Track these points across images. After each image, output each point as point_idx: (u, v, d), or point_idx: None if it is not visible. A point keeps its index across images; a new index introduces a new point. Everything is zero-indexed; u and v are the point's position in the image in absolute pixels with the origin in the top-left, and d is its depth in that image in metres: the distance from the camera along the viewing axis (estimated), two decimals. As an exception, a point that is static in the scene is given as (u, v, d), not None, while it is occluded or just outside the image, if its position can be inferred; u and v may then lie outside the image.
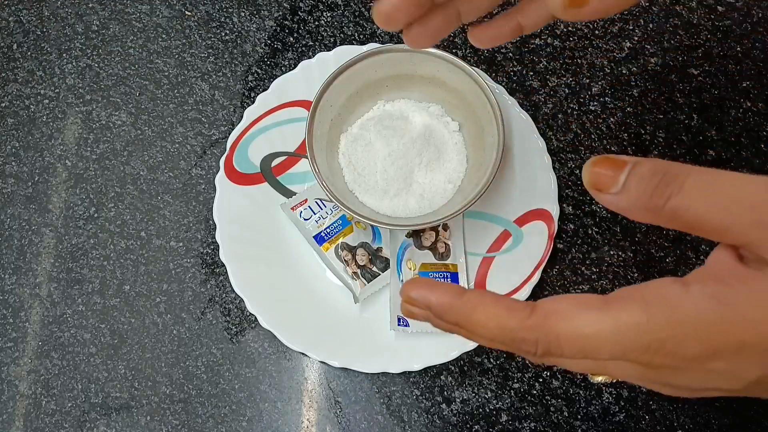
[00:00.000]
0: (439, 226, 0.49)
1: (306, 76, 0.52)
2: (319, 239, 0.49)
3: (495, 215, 0.50)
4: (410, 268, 0.48)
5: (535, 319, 0.24)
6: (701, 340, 0.23)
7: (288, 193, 0.51)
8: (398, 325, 0.47)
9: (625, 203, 0.24)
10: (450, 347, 0.47)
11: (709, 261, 0.25)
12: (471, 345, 0.46)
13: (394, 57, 0.47)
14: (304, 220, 0.49)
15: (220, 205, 0.49)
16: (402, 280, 0.48)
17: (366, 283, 0.48)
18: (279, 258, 0.50)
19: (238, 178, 0.50)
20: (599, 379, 0.30)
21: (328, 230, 0.49)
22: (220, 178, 0.50)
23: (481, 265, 0.49)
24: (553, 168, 0.51)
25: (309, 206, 0.50)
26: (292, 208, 0.50)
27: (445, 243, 0.49)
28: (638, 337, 0.23)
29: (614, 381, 0.40)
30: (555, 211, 0.49)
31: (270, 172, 0.51)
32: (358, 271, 0.48)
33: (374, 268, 0.49)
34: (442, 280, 0.48)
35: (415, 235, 0.49)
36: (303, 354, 0.47)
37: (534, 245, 0.49)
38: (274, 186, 0.51)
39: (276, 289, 0.48)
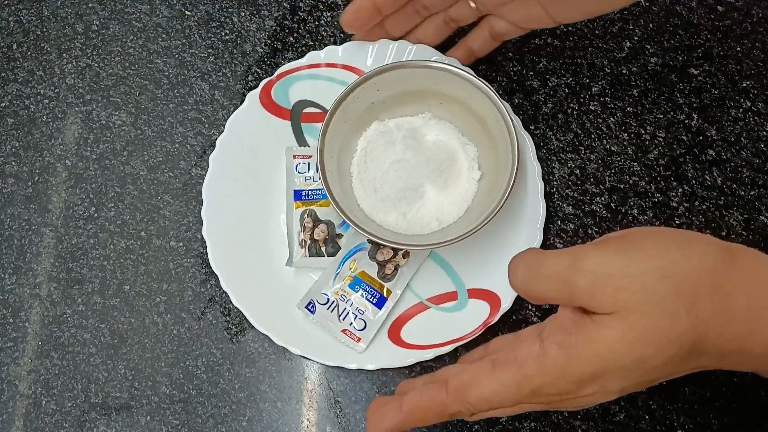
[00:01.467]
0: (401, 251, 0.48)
1: (375, 54, 0.51)
2: (297, 195, 0.50)
3: (456, 272, 0.49)
4: (351, 269, 0.48)
5: (450, 398, 0.34)
6: (564, 380, 0.31)
7: (302, 142, 0.51)
8: (305, 307, 0.47)
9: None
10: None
11: (558, 311, 0.33)
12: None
13: (415, 72, 0.47)
14: (298, 172, 0.50)
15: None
16: (337, 273, 0.48)
17: (308, 256, 0.49)
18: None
19: (268, 104, 0.51)
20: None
21: (309, 192, 0.50)
22: (253, 96, 0.50)
23: (413, 308, 0.49)
24: (553, 168, 0.51)
25: (309, 163, 0.50)
26: (294, 156, 0.50)
27: (396, 267, 0.48)
28: (521, 389, 0.32)
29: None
30: (509, 300, 0.47)
31: (298, 116, 0.52)
32: (309, 242, 0.49)
33: (323, 249, 0.49)
34: (370, 297, 0.48)
35: (375, 244, 0.49)
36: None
37: (467, 323, 0.47)
38: (294, 129, 0.51)
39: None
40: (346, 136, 0.49)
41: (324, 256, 0.49)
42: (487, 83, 0.46)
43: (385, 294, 0.48)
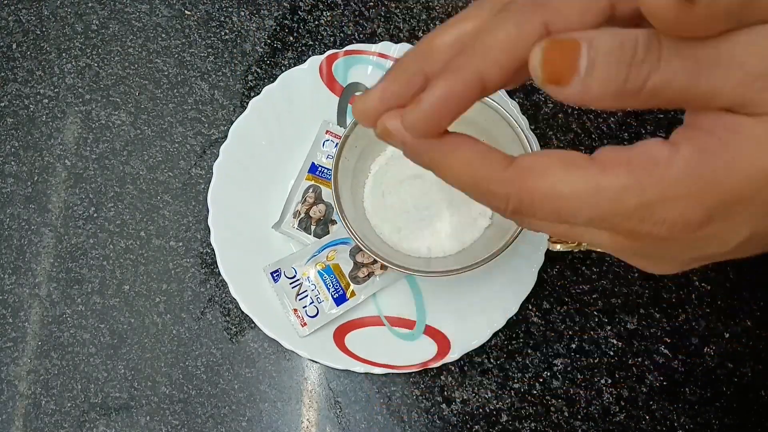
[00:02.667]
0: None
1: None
2: (313, 168, 0.50)
3: (424, 305, 0.49)
4: (328, 257, 0.48)
5: (510, 172, 0.21)
6: (696, 202, 0.20)
7: (341, 122, 0.52)
8: (271, 273, 0.48)
9: (595, 93, 0.19)
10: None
11: (690, 119, 0.22)
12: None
13: None
14: (323, 147, 0.50)
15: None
16: (314, 255, 0.48)
17: (296, 227, 0.49)
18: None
19: (326, 75, 0.51)
20: (559, 246, 0.27)
21: (324, 170, 0.50)
22: (314, 61, 0.51)
23: (368, 318, 0.49)
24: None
25: (337, 143, 0.49)
26: (327, 131, 0.50)
27: (370, 274, 0.48)
28: (623, 200, 0.20)
29: (579, 250, 0.36)
30: (457, 354, 0.47)
31: (348, 95, 0.52)
32: (303, 215, 0.49)
33: (313, 227, 0.49)
34: (334, 291, 0.48)
35: (358, 248, 0.48)
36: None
37: (410, 355, 0.47)
38: (340, 107, 0.52)
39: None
40: (358, 167, 0.48)
41: (311, 234, 0.49)
42: (516, 117, 0.44)
43: (348, 294, 0.48)
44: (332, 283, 0.48)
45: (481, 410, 0.47)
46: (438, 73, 0.22)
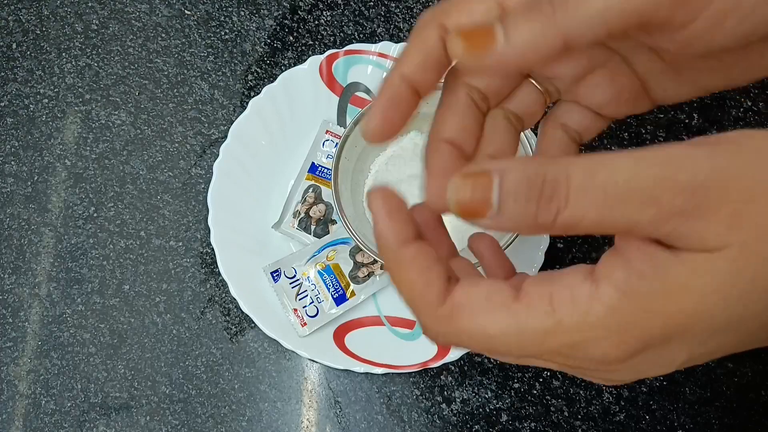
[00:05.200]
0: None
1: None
2: (313, 168, 0.50)
3: None
4: (328, 257, 0.48)
5: (443, 310, 0.22)
6: (616, 342, 0.21)
7: (342, 122, 0.52)
8: (271, 273, 0.48)
9: (508, 226, 0.20)
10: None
11: (618, 241, 0.21)
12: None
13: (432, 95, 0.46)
14: (323, 147, 0.50)
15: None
16: (314, 255, 0.48)
17: (296, 227, 0.49)
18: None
19: (326, 74, 0.51)
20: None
21: (324, 170, 0.50)
22: (314, 61, 0.51)
23: (368, 318, 0.49)
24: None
25: (337, 143, 0.49)
26: (328, 131, 0.50)
27: (370, 274, 0.48)
28: (547, 342, 0.21)
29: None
30: (457, 354, 0.46)
31: (348, 95, 0.52)
32: (303, 215, 0.49)
33: (313, 227, 0.49)
34: (334, 291, 0.48)
35: (358, 248, 0.49)
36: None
37: (410, 355, 0.47)
38: (340, 106, 0.52)
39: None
40: (358, 166, 0.48)
41: (311, 234, 0.49)
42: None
43: (348, 294, 0.48)
44: (332, 283, 0.48)
45: (481, 410, 0.47)
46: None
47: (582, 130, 0.30)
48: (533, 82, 0.28)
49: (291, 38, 0.55)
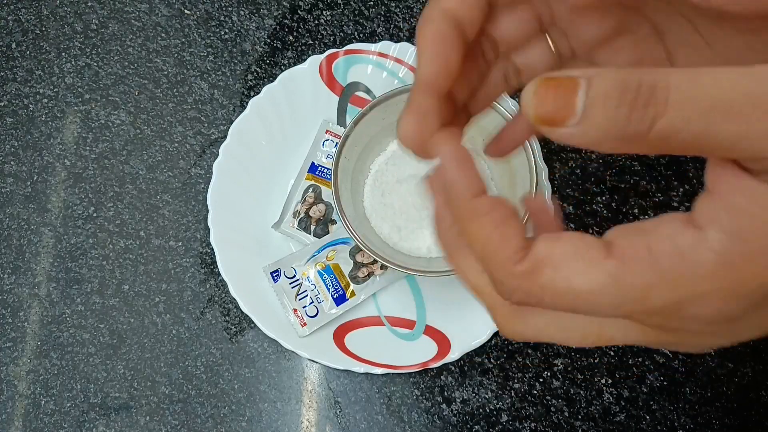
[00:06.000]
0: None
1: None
2: (313, 168, 0.50)
3: (424, 304, 0.49)
4: (328, 257, 0.48)
5: (525, 266, 0.20)
6: (730, 297, 0.18)
7: (341, 122, 0.52)
8: (271, 273, 0.48)
9: (593, 136, 0.17)
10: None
11: (711, 184, 0.19)
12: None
13: None
14: (323, 147, 0.50)
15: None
16: (314, 255, 0.48)
17: (295, 227, 0.49)
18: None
19: (326, 74, 0.51)
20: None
21: (324, 170, 0.50)
22: (314, 60, 0.51)
23: (368, 318, 0.49)
24: (554, 167, 0.51)
25: (337, 143, 0.49)
26: (328, 131, 0.50)
27: (370, 274, 0.48)
28: (647, 299, 0.18)
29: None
30: (457, 354, 0.47)
31: (347, 95, 0.52)
32: (303, 215, 0.49)
33: (312, 227, 0.49)
34: (334, 291, 0.48)
35: (358, 248, 0.48)
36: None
37: (410, 355, 0.47)
38: (340, 106, 0.52)
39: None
40: (382, 132, 0.48)
41: (310, 234, 0.49)
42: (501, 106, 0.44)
43: (348, 294, 0.48)
44: (332, 283, 0.48)
45: (481, 410, 0.47)
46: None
47: (523, 66, 0.27)
48: (548, 39, 0.25)
49: (291, 38, 0.55)
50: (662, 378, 0.47)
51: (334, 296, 0.48)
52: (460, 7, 0.21)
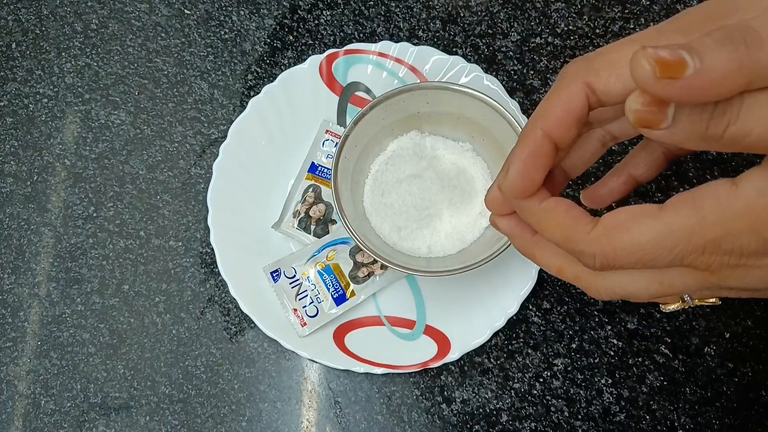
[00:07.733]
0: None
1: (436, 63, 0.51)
2: (313, 168, 0.50)
3: (424, 304, 0.49)
4: (328, 257, 0.48)
5: (596, 232, 0.25)
6: (757, 234, 0.23)
7: (341, 122, 0.51)
8: (271, 273, 0.48)
9: (679, 137, 0.22)
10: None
11: (765, 161, 0.23)
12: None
13: (426, 94, 0.46)
14: (323, 147, 0.50)
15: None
16: (314, 255, 0.48)
17: (295, 227, 0.49)
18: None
19: (326, 74, 0.51)
20: (672, 307, 0.31)
21: (324, 170, 0.50)
22: (314, 60, 0.51)
23: (368, 318, 0.49)
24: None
25: (337, 143, 0.49)
26: (328, 131, 0.50)
27: (370, 274, 0.48)
28: (692, 238, 0.23)
29: (686, 308, 0.37)
30: (457, 354, 0.47)
31: (347, 95, 0.52)
32: (303, 215, 0.49)
33: (312, 227, 0.49)
34: (334, 291, 0.48)
35: (358, 248, 0.48)
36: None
37: (410, 355, 0.47)
38: (340, 106, 0.52)
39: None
40: (382, 132, 0.48)
41: (310, 233, 0.49)
42: (516, 117, 0.43)
43: (348, 294, 0.48)
44: (332, 282, 0.48)
45: (481, 410, 0.47)
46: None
47: (641, 174, 0.35)
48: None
49: (291, 38, 0.55)
50: (662, 378, 0.47)
51: (334, 296, 0.48)
52: (556, 130, 0.26)
